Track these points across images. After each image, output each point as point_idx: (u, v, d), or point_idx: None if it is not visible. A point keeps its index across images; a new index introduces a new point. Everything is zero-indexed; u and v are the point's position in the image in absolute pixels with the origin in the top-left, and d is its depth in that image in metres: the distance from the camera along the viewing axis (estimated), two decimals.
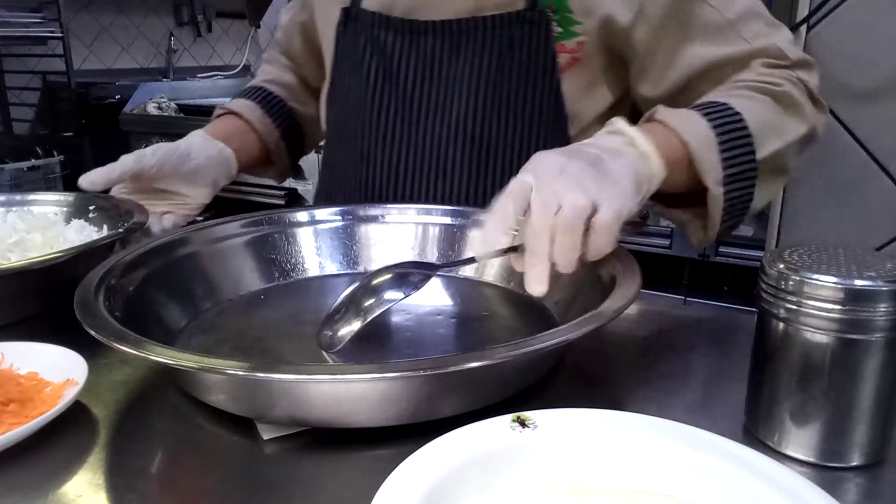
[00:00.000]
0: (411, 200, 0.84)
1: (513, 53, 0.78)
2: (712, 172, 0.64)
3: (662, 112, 0.66)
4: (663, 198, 0.70)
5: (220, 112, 0.99)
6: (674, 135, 0.63)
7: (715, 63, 0.74)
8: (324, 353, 0.58)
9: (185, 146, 0.84)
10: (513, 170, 0.80)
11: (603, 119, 0.81)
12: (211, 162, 0.86)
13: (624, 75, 0.81)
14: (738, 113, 0.66)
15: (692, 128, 0.64)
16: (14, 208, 0.85)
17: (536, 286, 0.52)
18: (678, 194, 0.68)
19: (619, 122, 0.61)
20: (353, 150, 0.87)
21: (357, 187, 0.88)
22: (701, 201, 0.67)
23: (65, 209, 0.84)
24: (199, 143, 0.87)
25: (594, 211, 0.52)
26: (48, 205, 0.86)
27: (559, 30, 0.77)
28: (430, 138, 0.83)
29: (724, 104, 0.67)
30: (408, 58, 0.82)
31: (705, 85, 0.75)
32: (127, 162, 0.80)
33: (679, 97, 0.76)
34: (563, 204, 0.51)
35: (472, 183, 0.82)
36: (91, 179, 0.79)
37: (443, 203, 0.82)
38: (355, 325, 0.58)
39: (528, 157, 0.80)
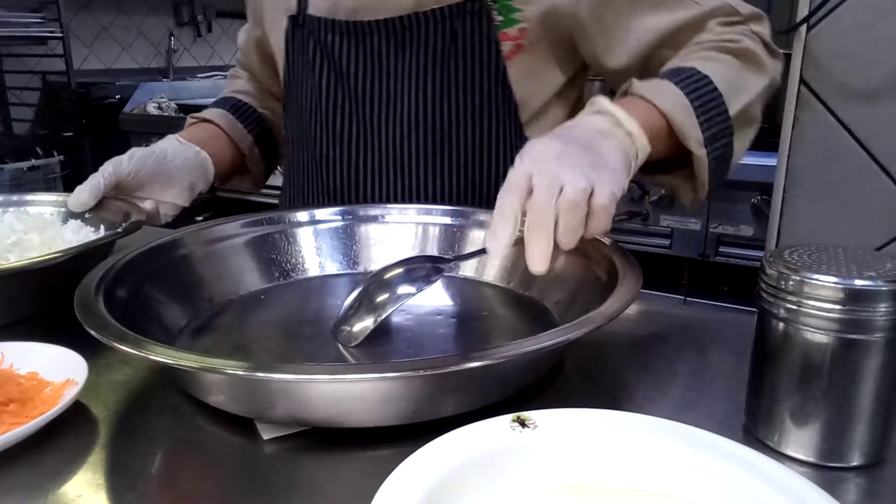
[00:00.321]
0: (372, 199, 0.85)
1: (456, 45, 0.80)
2: (693, 136, 0.67)
3: (637, 86, 0.69)
4: (651, 167, 0.72)
5: (192, 121, 0.99)
6: (652, 107, 0.66)
7: (672, 29, 0.77)
8: (340, 346, 0.59)
9: (160, 150, 0.84)
10: (468, 159, 0.84)
11: (555, 100, 0.85)
12: (187, 164, 0.87)
13: (574, 55, 0.83)
14: (706, 76, 0.70)
15: (668, 97, 0.67)
16: (11, 209, 0.85)
17: (538, 263, 0.52)
18: (664, 160, 0.71)
19: (603, 102, 0.63)
20: (312, 153, 0.89)
21: (318, 190, 0.89)
22: (685, 164, 0.70)
23: (61, 209, 0.84)
24: (175, 147, 0.87)
25: (591, 192, 0.54)
26: (45, 205, 0.86)
27: (500, 18, 0.79)
28: (384, 135, 0.84)
29: (692, 68, 0.70)
30: (356, 58, 0.84)
31: (667, 51, 0.77)
32: (106, 171, 0.80)
33: (644, 65, 0.78)
34: (565, 186, 0.53)
35: (429, 176, 0.84)
36: (81, 200, 0.79)
37: (403, 198, 0.84)
38: (369, 322, 0.60)
39: (482, 146, 0.84)
